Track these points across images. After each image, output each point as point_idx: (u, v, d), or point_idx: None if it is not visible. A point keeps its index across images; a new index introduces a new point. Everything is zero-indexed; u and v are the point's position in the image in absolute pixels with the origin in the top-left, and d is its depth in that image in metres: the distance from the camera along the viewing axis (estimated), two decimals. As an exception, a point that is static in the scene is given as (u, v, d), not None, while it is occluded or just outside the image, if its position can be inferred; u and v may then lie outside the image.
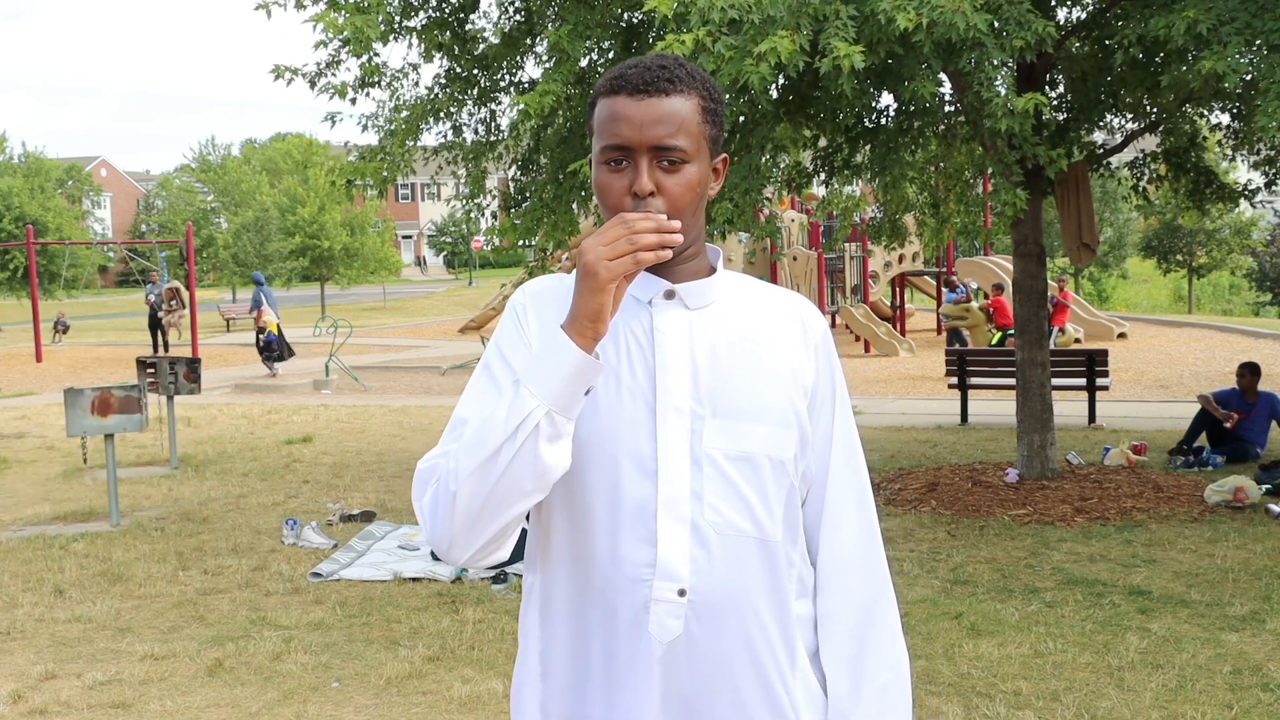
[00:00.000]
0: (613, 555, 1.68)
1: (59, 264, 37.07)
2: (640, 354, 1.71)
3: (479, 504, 1.60)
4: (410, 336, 30.34)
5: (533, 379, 1.58)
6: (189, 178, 69.34)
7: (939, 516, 8.12)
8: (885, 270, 24.52)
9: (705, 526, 1.68)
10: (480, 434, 1.60)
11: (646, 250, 1.55)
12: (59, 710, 4.90)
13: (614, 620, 1.69)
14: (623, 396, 1.69)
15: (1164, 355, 20.04)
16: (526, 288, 1.80)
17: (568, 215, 8.42)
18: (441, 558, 1.67)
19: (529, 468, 1.58)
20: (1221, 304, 44.87)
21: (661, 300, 1.73)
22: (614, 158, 1.67)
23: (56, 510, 9.15)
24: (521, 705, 1.81)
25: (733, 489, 1.69)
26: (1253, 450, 9.83)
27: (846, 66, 5.98)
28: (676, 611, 1.67)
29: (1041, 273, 9.06)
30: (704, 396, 1.70)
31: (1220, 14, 6.44)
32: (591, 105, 1.74)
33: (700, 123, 1.69)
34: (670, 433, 1.68)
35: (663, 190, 1.66)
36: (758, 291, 1.81)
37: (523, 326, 1.75)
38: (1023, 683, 4.89)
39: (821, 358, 1.80)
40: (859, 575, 1.81)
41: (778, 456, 1.72)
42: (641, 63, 1.70)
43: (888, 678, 1.81)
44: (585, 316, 1.57)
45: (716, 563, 1.68)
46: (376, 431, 13.28)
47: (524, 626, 1.82)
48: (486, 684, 5.00)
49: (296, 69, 8.13)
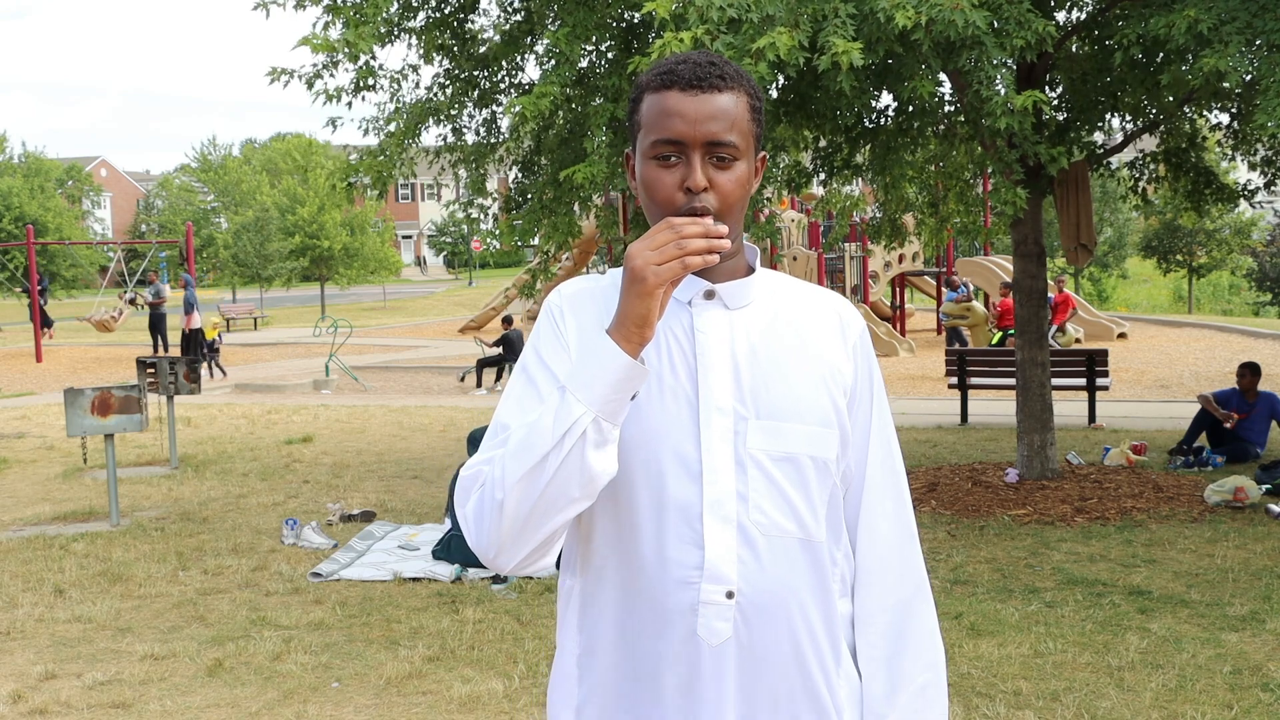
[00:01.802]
0: (659, 558, 1.67)
1: (59, 264, 37.09)
2: (682, 355, 1.71)
3: (526, 511, 1.59)
4: (410, 336, 30.33)
5: (579, 385, 1.57)
6: (189, 178, 69.36)
7: (939, 516, 8.11)
8: (885, 270, 24.51)
9: (751, 528, 1.67)
10: (526, 441, 1.58)
11: (694, 255, 1.55)
12: (59, 710, 4.90)
13: (661, 623, 1.67)
14: (665, 398, 1.69)
15: (1164, 355, 20.04)
16: (562, 290, 1.78)
17: (568, 217, 8.42)
18: (487, 565, 1.66)
19: (576, 474, 1.57)
20: (1221, 304, 44.84)
21: (701, 300, 1.73)
22: (665, 152, 1.66)
23: (56, 510, 9.15)
24: (557, 709, 1.79)
25: (777, 490, 1.69)
26: (1253, 450, 9.83)
27: (845, 64, 5.99)
28: (725, 614, 1.66)
29: (1041, 273, 9.06)
30: (746, 397, 1.69)
31: (1220, 13, 6.44)
32: (635, 100, 1.73)
33: (749, 120, 1.69)
34: (714, 434, 1.67)
35: (715, 186, 1.66)
36: (796, 290, 1.81)
37: (560, 329, 1.73)
38: (1023, 683, 4.88)
39: (860, 356, 1.80)
40: (896, 575, 1.81)
41: (821, 457, 1.72)
42: (690, 58, 1.69)
43: (925, 679, 1.80)
44: (632, 321, 1.56)
45: (764, 564, 1.67)
46: (376, 431, 13.28)
47: (563, 629, 1.79)
48: (486, 684, 5.00)
49: (293, 71, 8.11)
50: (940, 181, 10.02)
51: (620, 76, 7.58)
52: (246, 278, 44.43)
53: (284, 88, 7.97)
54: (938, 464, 10.01)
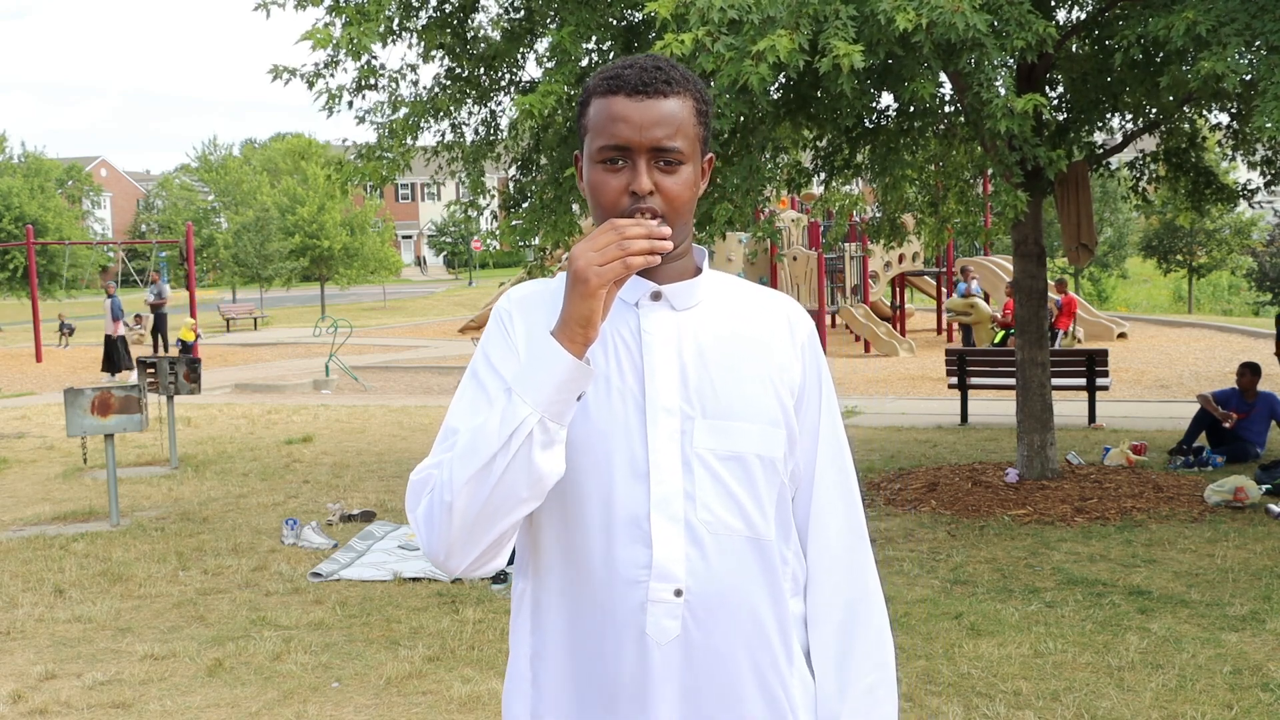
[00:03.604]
0: (607, 557, 1.68)
1: (59, 264, 37.03)
2: (629, 356, 1.71)
3: (475, 513, 1.60)
4: (410, 336, 30.33)
5: (524, 386, 1.58)
6: (189, 178, 69.35)
7: (939, 516, 8.12)
8: (885, 270, 24.51)
9: (699, 526, 1.68)
10: (473, 443, 1.60)
11: (637, 255, 1.56)
12: (59, 710, 4.90)
13: (610, 622, 1.69)
14: (612, 399, 1.69)
15: (1164, 355, 20.04)
16: (511, 294, 1.80)
17: (567, 216, 8.42)
18: (438, 568, 1.67)
19: (524, 475, 1.58)
20: (1221, 304, 44.84)
21: (648, 302, 1.74)
22: (611, 156, 1.68)
23: (56, 510, 9.16)
24: (512, 711, 1.80)
25: (724, 489, 1.70)
26: (1253, 450, 9.83)
27: (846, 66, 5.99)
28: (674, 612, 1.67)
29: (1041, 273, 9.06)
30: (693, 397, 1.70)
31: (1220, 15, 6.44)
32: (583, 104, 1.74)
33: (695, 124, 1.70)
34: (660, 434, 1.68)
35: (661, 190, 1.67)
36: (744, 291, 1.82)
37: (509, 333, 1.75)
38: (1023, 683, 4.89)
39: (808, 357, 1.80)
40: (844, 574, 1.82)
41: (768, 455, 1.73)
42: (636, 63, 1.70)
43: (874, 678, 1.81)
44: (576, 322, 1.57)
45: (712, 562, 1.68)
46: (376, 431, 13.28)
47: (515, 632, 1.80)
48: (486, 684, 5.01)
49: (294, 69, 8.12)
50: (940, 182, 10.02)
51: (621, 77, 7.57)
52: (246, 278, 44.44)
53: (285, 85, 7.98)
54: (938, 464, 10.01)
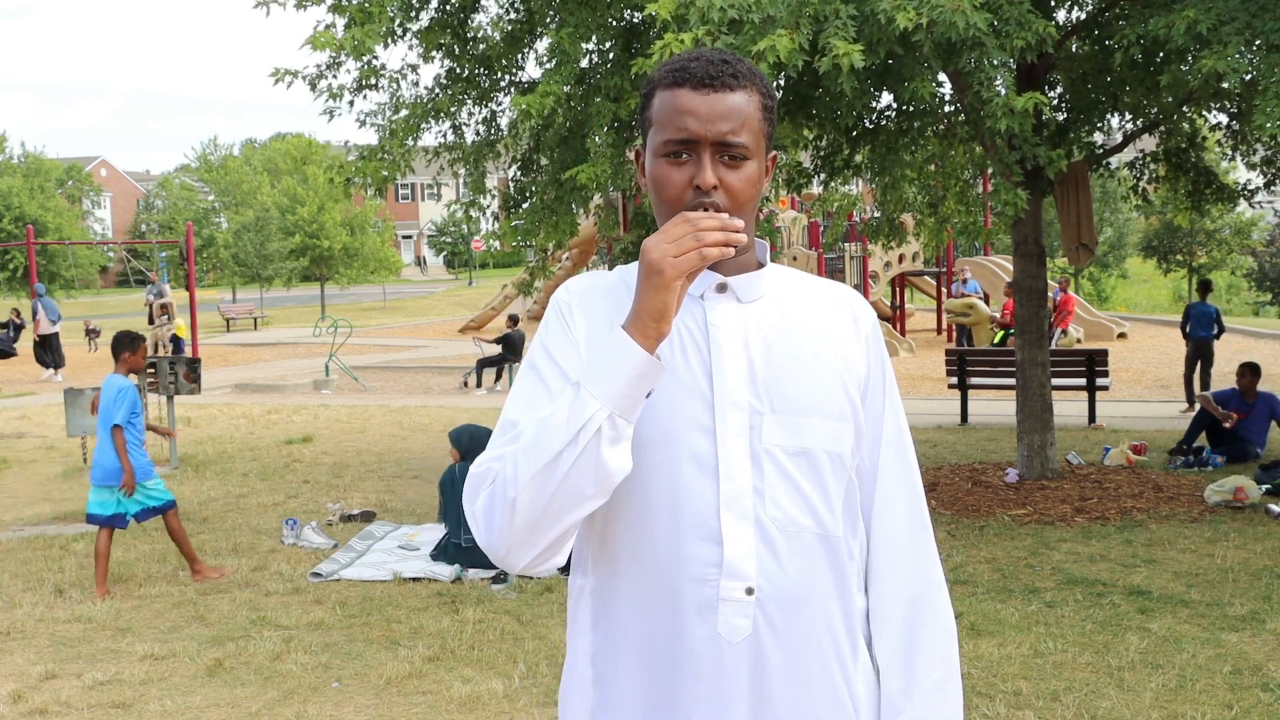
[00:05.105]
0: (675, 555, 1.64)
1: (59, 264, 37.07)
2: (696, 349, 1.68)
3: (539, 509, 1.56)
4: (410, 336, 30.33)
5: (594, 381, 1.54)
6: (189, 178, 69.34)
7: (939, 516, 8.11)
8: (885, 270, 24.51)
9: (769, 524, 1.65)
10: (539, 438, 1.55)
11: (712, 247, 1.53)
12: (59, 710, 4.90)
13: (679, 621, 1.65)
14: (679, 393, 1.66)
15: (1164, 355, 20.04)
16: (570, 285, 1.76)
17: (568, 216, 8.42)
18: (497, 564, 1.63)
19: (591, 472, 1.54)
20: (1221, 304, 44.85)
21: (714, 294, 1.71)
22: (676, 150, 1.65)
23: (56, 510, 9.16)
24: (569, 710, 1.76)
25: (793, 485, 1.67)
26: (1253, 450, 9.83)
27: (846, 65, 5.98)
28: (745, 611, 1.64)
29: (1041, 273, 9.06)
30: (761, 391, 1.67)
31: (1220, 14, 6.44)
32: (646, 96, 1.71)
33: (760, 120, 1.67)
34: (729, 429, 1.65)
35: (725, 185, 1.64)
36: (807, 284, 1.80)
37: (569, 325, 1.71)
38: (1023, 683, 4.88)
39: (872, 349, 1.78)
40: (909, 568, 1.80)
41: (835, 450, 1.70)
42: (703, 55, 1.67)
43: (940, 673, 1.78)
44: (649, 315, 1.53)
45: (782, 560, 1.65)
46: (376, 431, 13.27)
47: (574, 629, 1.76)
48: (486, 684, 5.00)
49: (296, 71, 8.12)
50: (939, 181, 10.02)
51: (622, 77, 7.58)
52: (247, 278, 44.41)
53: (287, 88, 7.98)
54: (938, 464, 10.01)
